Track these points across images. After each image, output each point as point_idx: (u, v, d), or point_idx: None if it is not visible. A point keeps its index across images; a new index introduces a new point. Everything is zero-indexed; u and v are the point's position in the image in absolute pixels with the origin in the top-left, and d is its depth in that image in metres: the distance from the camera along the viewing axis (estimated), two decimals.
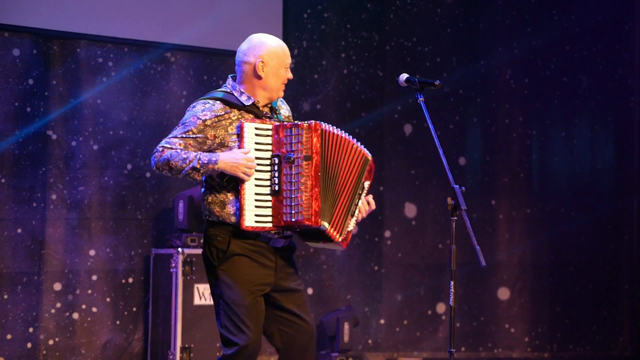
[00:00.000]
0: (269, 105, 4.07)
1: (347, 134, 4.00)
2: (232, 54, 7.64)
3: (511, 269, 8.22)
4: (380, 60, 7.95)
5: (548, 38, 8.38)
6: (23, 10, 6.60)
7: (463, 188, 3.93)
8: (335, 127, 3.96)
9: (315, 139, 3.83)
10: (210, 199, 3.94)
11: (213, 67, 7.32)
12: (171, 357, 6.51)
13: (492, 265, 8.07)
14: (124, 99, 6.99)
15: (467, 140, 8.20)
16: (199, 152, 3.88)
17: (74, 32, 6.79)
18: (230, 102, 3.97)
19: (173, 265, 6.58)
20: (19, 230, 6.60)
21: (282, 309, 3.99)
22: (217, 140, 3.91)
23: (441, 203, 7.92)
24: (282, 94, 4.07)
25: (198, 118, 3.93)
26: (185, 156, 3.87)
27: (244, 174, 3.79)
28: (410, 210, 8.04)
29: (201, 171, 3.84)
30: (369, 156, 4.05)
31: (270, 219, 3.83)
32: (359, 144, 4.02)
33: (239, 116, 3.94)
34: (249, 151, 3.82)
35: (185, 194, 6.77)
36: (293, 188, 3.81)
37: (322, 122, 3.91)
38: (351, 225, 4.02)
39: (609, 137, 8.47)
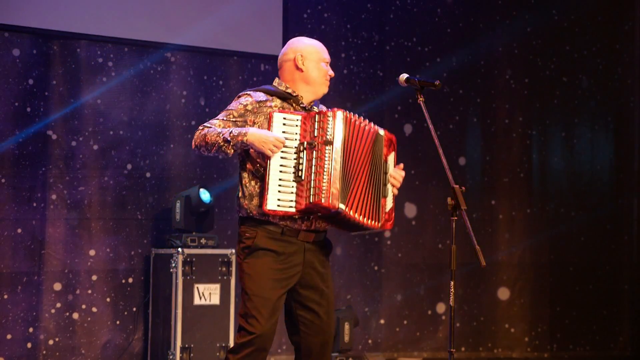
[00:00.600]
0: (312, 104, 4.16)
1: (366, 119, 4.06)
2: (232, 54, 7.68)
3: (511, 269, 8.22)
4: (380, 60, 7.95)
5: (548, 38, 8.38)
6: (23, 10, 6.60)
7: (463, 188, 3.93)
8: (356, 114, 4.03)
9: (335, 124, 3.90)
10: (240, 193, 4.03)
11: (213, 67, 7.32)
12: (171, 357, 6.51)
13: (492, 265, 8.07)
14: (124, 99, 6.99)
15: (467, 140, 8.20)
16: (233, 127, 3.97)
17: (74, 32, 6.79)
18: (272, 91, 4.08)
19: (173, 265, 6.58)
20: (19, 230, 6.60)
21: (305, 306, 4.05)
22: (256, 127, 3.99)
23: (441, 203, 7.92)
24: (325, 89, 4.15)
25: (240, 103, 4.05)
26: (219, 130, 3.95)
27: (271, 150, 3.86)
28: (410, 210, 8.04)
29: (231, 142, 3.90)
30: (381, 131, 4.08)
31: (293, 204, 3.89)
32: (372, 124, 4.06)
33: (280, 105, 4.04)
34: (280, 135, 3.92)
35: (183, 195, 6.78)
36: (314, 172, 3.88)
37: (343, 109, 3.98)
38: (388, 205, 4.05)
39: (609, 137, 8.47)
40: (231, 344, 6.63)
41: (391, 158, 4.11)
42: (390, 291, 7.93)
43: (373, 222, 4.01)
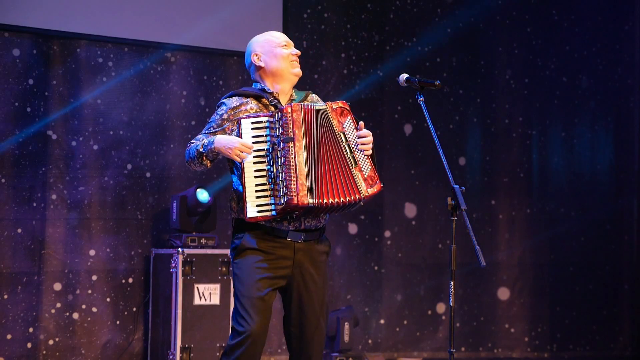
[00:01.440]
0: (291, 96, 4.15)
1: (319, 104, 4.04)
2: (232, 54, 7.67)
3: (511, 269, 8.22)
4: (380, 60, 7.95)
5: (548, 38, 8.38)
6: (23, 10, 6.60)
7: (463, 188, 3.93)
8: (317, 104, 4.02)
9: (293, 120, 3.89)
10: (231, 196, 4.08)
11: (213, 67, 7.32)
12: (171, 357, 6.51)
13: (492, 265, 8.07)
14: (124, 99, 6.99)
15: (467, 140, 8.20)
16: (207, 138, 4.01)
17: (74, 32, 6.79)
18: (246, 93, 4.10)
19: (173, 265, 6.58)
20: (19, 230, 6.60)
21: (297, 304, 4.05)
22: (234, 133, 4.01)
23: (441, 203, 7.92)
24: (294, 70, 4.14)
25: (217, 114, 4.08)
26: (198, 143, 4.01)
27: (237, 156, 3.88)
28: (410, 210, 8.04)
29: (204, 154, 3.96)
30: (321, 106, 4.00)
31: (272, 207, 3.88)
32: (315, 105, 3.99)
33: (256, 107, 4.05)
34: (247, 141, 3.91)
35: (179, 195, 6.78)
36: (281, 171, 3.87)
37: (301, 103, 3.98)
38: (365, 170, 3.97)
39: (609, 137, 8.47)
40: None
41: (348, 125, 4.00)
42: (390, 291, 7.93)
43: (354, 195, 3.93)
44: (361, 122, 4.04)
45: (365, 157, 4.00)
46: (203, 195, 6.77)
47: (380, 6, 8.00)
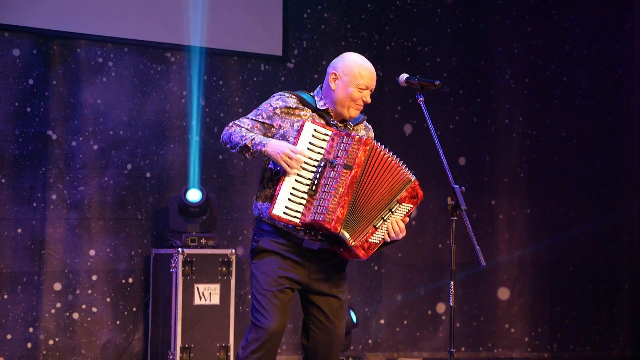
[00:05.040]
0: (344, 121, 4.16)
1: (395, 155, 4.03)
2: (232, 54, 7.68)
3: (511, 269, 8.22)
4: (380, 60, 7.95)
5: (548, 38, 8.38)
6: (23, 10, 6.60)
7: (463, 188, 3.93)
8: (385, 147, 4.00)
9: (361, 152, 3.89)
10: (258, 193, 4.10)
11: (213, 67, 7.32)
12: (171, 357, 6.51)
13: (492, 265, 8.07)
14: (124, 99, 6.99)
15: (467, 140, 8.20)
16: (257, 134, 4.03)
17: (74, 32, 6.79)
18: (305, 102, 4.10)
19: (173, 265, 6.58)
20: (19, 230, 6.60)
21: (314, 308, 4.13)
22: (281, 131, 4.04)
23: (441, 203, 7.92)
24: (353, 113, 4.12)
25: (271, 105, 4.08)
26: (244, 134, 4.02)
27: (286, 163, 3.90)
28: None
29: (251, 150, 3.98)
30: (412, 178, 4.04)
31: (299, 215, 3.91)
32: (404, 166, 4.04)
33: (310, 117, 4.06)
34: (301, 149, 3.92)
35: (176, 196, 6.79)
36: (326, 190, 3.88)
37: (374, 140, 3.98)
38: (374, 237, 3.99)
39: (609, 137, 8.47)
40: (231, 344, 6.64)
41: (405, 207, 4.04)
42: (390, 291, 7.94)
43: (363, 251, 3.97)
44: (407, 219, 4.04)
45: (383, 232, 4.01)
46: (194, 195, 6.77)
47: (380, 6, 8.00)
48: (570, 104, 8.41)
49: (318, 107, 4.10)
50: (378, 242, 4.00)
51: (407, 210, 4.04)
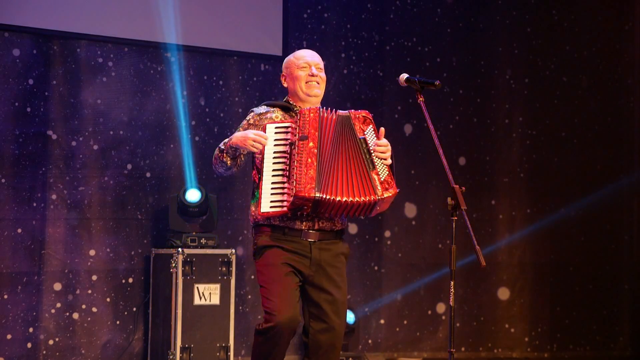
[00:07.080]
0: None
1: (338, 109, 4.11)
2: (232, 54, 7.67)
3: (511, 269, 8.22)
4: (380, 60, 7.95)
5: (548, 38, 8.38)
6: (23, 10, 6.60)
7: (463, 188, 3.93)
8: (335, 108, 4.11)
9: (310, 119, 4.02)
10: (251, 202, 4.23)
11: (213, 67, 7.32)
12: (171, 357, 6.51)
13: (492, 265, 8.07)
14: (124, 99, 6.99)
15: (467, 140, 8.20)
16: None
17: (74, 32, 6.79)
18: (275, 104, 4.29)
19: (173, 265, 6.58)
20: (19, 230, 6.60)
21: (314, 304, 4.18)
22: None
23: (441, 203, 7.92)
24: (312, 91, 4.25)
25: (245, 120, 4.28)
26: (220, 146, 4.21)
27: (252, 146, 4.03)
28: (410, 210, 8.04)
29: (224, 151, 4.16)
30: (347, 113, 4.10)
31: (284, 203, 4.00)
32: (338, 111, 4.10)
33: (282, 116, 4.22)
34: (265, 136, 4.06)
35: (176, 196, 6.79)
36: (296, 167, 3.98)
37: (321, 106, 4.10)
38: (382, 174, 4.08)
39: (608, 137, 8.46)
40: (231, 344, 6.64)
41: (369, 132, 4.11)
42: (390, 291, 7.93)
43: (367, 197, 4.04)
44: (382, 129, 4.13)
45: (384, 164, 4.11)
46: (193, 195, 6.77)
47: (380, 6, 7.99)
48: (570, 104, 8.41)
49: (285, 103, 4.27)
50: (387, 172, 4.10)
51: (373, 132, 4.11)
